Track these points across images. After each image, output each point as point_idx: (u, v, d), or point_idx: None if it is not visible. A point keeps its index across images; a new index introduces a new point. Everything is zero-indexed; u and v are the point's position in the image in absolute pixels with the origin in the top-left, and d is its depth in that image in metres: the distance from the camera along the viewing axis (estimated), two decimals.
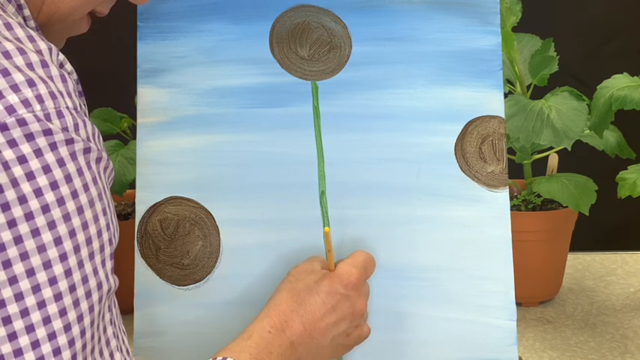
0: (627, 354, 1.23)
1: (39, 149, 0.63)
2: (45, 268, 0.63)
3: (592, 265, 1.53)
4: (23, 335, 0.63)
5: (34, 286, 0.63)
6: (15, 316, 0.63)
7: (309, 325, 0.88)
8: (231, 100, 1.00)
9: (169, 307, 0.98)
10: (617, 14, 1.88)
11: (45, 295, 0.63)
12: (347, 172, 0.99)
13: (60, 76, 0.66)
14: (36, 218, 0.63)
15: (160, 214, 0.99)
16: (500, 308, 0.97)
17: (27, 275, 0.62)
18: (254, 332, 0.86)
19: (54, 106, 0.64)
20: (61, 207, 0.64)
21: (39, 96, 0.63)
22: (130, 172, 1.36)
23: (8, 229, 0.62)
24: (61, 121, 0.64)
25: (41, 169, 0.63)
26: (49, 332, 0.64)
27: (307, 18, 1.01)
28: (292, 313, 0.88)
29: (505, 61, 1.32)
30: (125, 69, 1.14)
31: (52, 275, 0.64)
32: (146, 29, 1.01)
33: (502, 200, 0.98)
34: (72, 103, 0.66)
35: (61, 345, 0.64)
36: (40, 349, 0.63)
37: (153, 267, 0.99)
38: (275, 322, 0.87)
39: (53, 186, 0.63)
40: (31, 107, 0.63)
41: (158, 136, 1.00)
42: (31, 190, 0.62)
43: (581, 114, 1.26)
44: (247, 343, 0.85)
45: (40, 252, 0.63)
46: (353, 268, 0.92)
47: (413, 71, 1.00)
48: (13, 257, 0.62)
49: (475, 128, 1.00)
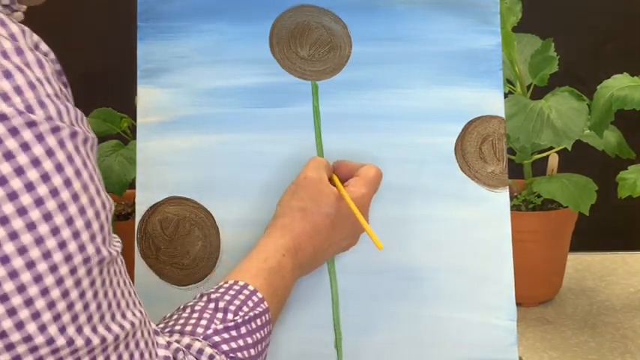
0: (627, 354, 1.23)
1: (25, 143, 0.61)
2: (45, 259, 0.62)
3: (592, 265, 1.53)
4: (23, 309, 0.62)
5: (35, 277, 0.62)
6: (20, 307, 0.62)
7: (318, 246, 0.91)
8: (231, 100, 1.00)
9: (169, 307, 0.98)
10: (617, 14, 1.88)
11: (47, 283, 0.63)
12: None
13: (37, 62, 0.64)
14: (30, 213, 0.61)
15: (160, 214, 0.99)
16: (500, 308, 0.97)
17: (27, 268, 0.62)
18: (269, 255, 0.88)
19: (34, 96, 0.62)
20: (55, 198, 0.62)
21: (17, 87, 0.61)
22: (130, 172, 1.36)
23: (1, 226, 0.60)
24: (44, 110, 0.62)
25: (30, 163, 0.61)
26: (48, 303, 0.63)
27: (307, 18, 1.01)
28: (305, 235, 0.90)
29: (505, 61, 1.32)
30: (125, 69, 1.14)
31: (53, 264, 0.63)
32: (146, 29, 1.01)
33: (502, 200, 0.98)
34: (52, 89, 0.64)
35: (62, 315, 0.64)
36: (41, 318, 0.63)
37: (153, 267, 0.99)
38: (289, 245, 0.89)
39: (45, 178, 0.62)
40: (10, 100, 0.61)
41: (158, 136, 1.00)
42: (22, 186, 0.61)
43: (581, 114, 1.26)
44: (262, 265, 0.86)
45: (38, 244, 0.62)
46: (364, 189, 0.93)
47: (413, 71, 1.00)
48: (11, 252, 0.61)
49: (475, 128, 1.00)
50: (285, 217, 0.91)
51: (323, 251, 0.93)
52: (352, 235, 0.96)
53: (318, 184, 0.92)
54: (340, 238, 0.94)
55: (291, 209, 0.91)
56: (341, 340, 0.98)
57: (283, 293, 0.89)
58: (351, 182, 0.94)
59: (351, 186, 0.93)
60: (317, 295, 0.97)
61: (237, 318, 0.82)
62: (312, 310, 0.98)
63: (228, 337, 0.80)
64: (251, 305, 0.83)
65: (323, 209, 0.91)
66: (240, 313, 0.82)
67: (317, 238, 0.91)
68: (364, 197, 0.93)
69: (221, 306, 0.82)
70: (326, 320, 0.98)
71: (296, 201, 0.92)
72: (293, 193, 0.93)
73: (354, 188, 0.93)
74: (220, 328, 0.81)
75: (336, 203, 0.92)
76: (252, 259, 0.88)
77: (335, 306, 0.98)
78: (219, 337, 0.80)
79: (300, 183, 0.93)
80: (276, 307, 0.88)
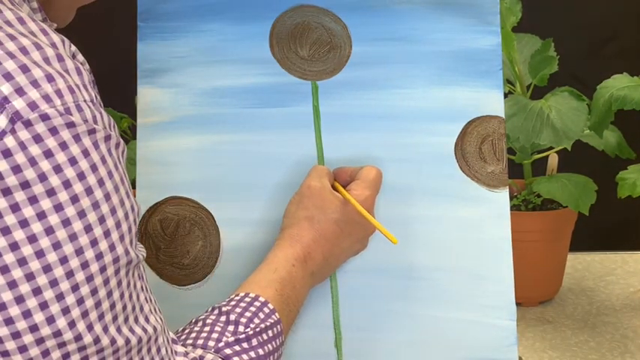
0: (627, 354, 1.23)
1: (64, 142, 0.64)
2: (77, 255, 0.65)
3: (592, 265, 1.53)
4: (38, 312, 0.64)
5: (67, 272, 0.64)
6: (51, 301, 0.64)
7: (328, 253, 0.91)
8: (231, 100, 1.00)
9: (169, 307, 0.98)
10: (617, 14, 1.88)
11: (78, 279, 0.65)
12: None
13: (75, 69, 0.67)
14: (66, 209, 0.64)
15: (160, 214, 0.99)
16: (500, 308, 0.97)
17: (61, 263, 0.64)
18: (279, 265, 0.88)
19: (72, 100, 0.65)
20: (89, 196, 0.65)
21: (58, 91, 0.64)
22: (130, 172, 1.35)
23: (38, 221, 0.63)
24: (80, 114, 0.65)
25: (67, 162, 0.64)
26: (80, 306, 0.65)
27: (307, 18, 1.01)
28: (314, 244, 0.90)
29: (505, 61, 1.32)
30: (125, 69, 1.14)
31: (84, 260, 0.65)
32: (146, 29, 1.01)
33: (502, 200, 0.98)
34: (88, 95, 0.67)
35: (90, 313, 0.66)
36: (56, 324, 0.65)
37: (153, 267, 0.99)
38: (299, 255, 0.89)
39: (80, 177, 0.65)
40: (52, 102, 0.64)
41: (158, 136, 1.00)
42: (60, 183, 0.64)
43: (581, 114, 1.26)
44: (273, 277, 0.87)
45: (72, 240, 0.64)
46: (367, 191, 0.93)
47: (413, 71, 1.00)
48: (46, 247, 0.64)
49: (475, 128, 1.00)
50: (292, 228, 0.92)
51: (334, 258, 0.93)
52: (361, 240, 0.96)
53: (321, 192, 0.93)
54: (350, 243, 0.94)
55: (297, 219, 0.92)
56: (341, 339, 0.98)
57: (295, 303, 0.89)
58: (352, 186, 0.94)
59: (353, 190, 0.93)
60: (317, 294, 0.97)
61: (249, 330, 0.82)
62: (313, 309, 0.97)
63: (239, 350, 0.81)
64: (262, 317, 0.84)
65: (329, 216, 0.91)
66: (252, 325, 0.83)
67: (326, 245, 0.91)
68: (368, 199, 0.93)
69: (232, 318, 0.83)
70: (326, 319, 0.98)
71: (302, 210, 0.92)
72: (298, 203, 0.93)
73: (357, 192, 0.93)
74: (232, 341, 0.81)
75: (342, 209, 0.92)
76: (262, 271, 0.88)
77: (335, 305, 0.98)
78: (231, 349, 0.80)
79: (303, 193, 0.93)
80: (289, 318, 0.88)
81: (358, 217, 0.92)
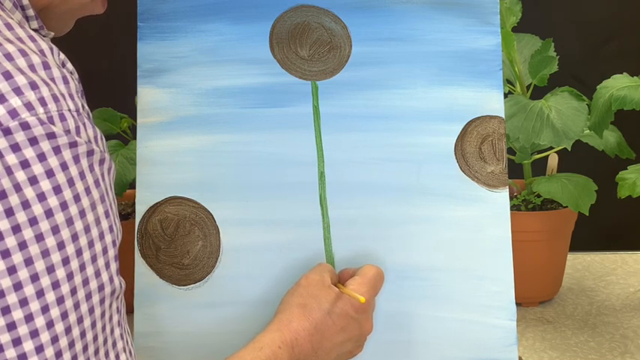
0: (627, 354, 1.23)
1: (42, 153, 0.63)
2: (48, 273, 0.63)
3: (592, 265, 1.53)
4: (27, 340, 0.63)
5: (37, 292, 0.63)
6: (19, 322, 0.62)
7: (317, 344, 0.89)
8: (231, 100, 1.00)
9: (169, 307, 0.98)
10: (617, 14, 1.88)
11: (48, 300, 0.63)
12: (347, 172, 0.99)
13: (62, 78, 0.66)
14: (40, 223, 0.62)
15: (160, 214, 0.99)
16: (500, 308, 0.97)
17: (31, 281, 0.62)
18: (265, 345, 0.86)
19: (56, 108, 0.64)
20: (64, 211, 0.64)
21: (42, 99, 0.63)
22: (130, 172, 1.36)
23: (13, 235, 0.62)
24: (63, 124, 0.64)
25: (44, 174, 0.63)
26: (52, 336, 0.64)
27: (307, 18, 1.01)
28: (303, 331, 0.88)
29: (505, 61, 1.32)
30: (125, 69, 1.14)
31: (55, 279, 0.63)
32: (146, 29, 1.01)
33: (502, 200, 0.98)
34: (74, 105, 0.66)
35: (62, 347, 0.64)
36: (44, 353, 0.63)
37: (153, 267, 0.99)
38: (286, 339, 0.87)
39: (56, 190, 0.63)
40: (34, 110, 0.62)
41: (158, 136, 1.00)
42: (35, 195, 0.62)
43: (581, 114, 1.26)
44: (258, 354, 0.85)
45: (44, 257, 0.63)
46: (364, 288, 0.92)
47: (413, 71, 1.00)
48: (18, 263, 0.62)
49: (475, 128, 1.00)
50: (283, 314, 0.90)
51: (324, 352, 0.90)
52: (356, 339, 0.93)
53: (319, 283, 0.92)
54: (343, 339, 0.91)
55: (290, 306, 0.90)
56: None
57: None
58: (350, 281, 0.94)
59: (350, 285, 0.93)
60: None
61: None
62: None
63: None
64: None
65: (323, 305, 0.90)
66: None
67: (316, 335, 0.89)
68: (364, 295, 0.92)
69: None
70: None
71: (296, 298, 0.91)
72: (294, 292, 0.92)
73: (353, 286, 0.92)
74: None
75: (337, 301, 0.91)
76: (248, 348, 0.86)
77: None
78: None
79: (301, 283, 0.92)
80: None
81: (353, 312, 0.91)
